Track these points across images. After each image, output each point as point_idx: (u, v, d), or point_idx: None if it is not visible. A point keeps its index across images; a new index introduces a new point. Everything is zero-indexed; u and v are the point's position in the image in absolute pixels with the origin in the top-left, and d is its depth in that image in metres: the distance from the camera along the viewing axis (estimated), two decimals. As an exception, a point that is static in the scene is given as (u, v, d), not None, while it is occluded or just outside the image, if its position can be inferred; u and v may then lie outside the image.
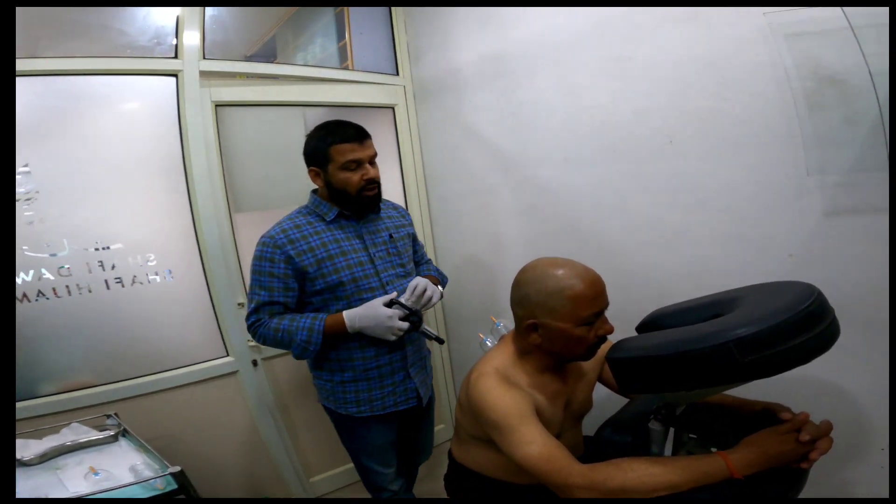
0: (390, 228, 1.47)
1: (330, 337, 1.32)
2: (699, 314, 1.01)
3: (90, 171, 1.66)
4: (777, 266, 1.31)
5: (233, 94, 1.93)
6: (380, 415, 1.42)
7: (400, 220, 1.54)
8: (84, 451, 1.34)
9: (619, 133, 1.58)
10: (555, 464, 0.89)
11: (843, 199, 1.17)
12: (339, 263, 1.34)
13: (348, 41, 2.26)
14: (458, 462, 1.20)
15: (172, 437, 1.75)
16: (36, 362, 1.57)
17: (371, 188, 1.36)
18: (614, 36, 1.54)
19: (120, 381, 1.69)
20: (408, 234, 1.54)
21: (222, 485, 1.89)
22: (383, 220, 1.48)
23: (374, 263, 1.38)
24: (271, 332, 1.34)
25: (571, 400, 1.15)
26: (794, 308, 0.79)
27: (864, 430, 1.25)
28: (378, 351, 1.39)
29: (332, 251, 1.35)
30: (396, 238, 1.46)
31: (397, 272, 1.44)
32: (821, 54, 1.09)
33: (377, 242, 1.42)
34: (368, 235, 1.42)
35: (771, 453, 0.85)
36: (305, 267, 1.32)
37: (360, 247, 1.39)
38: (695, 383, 0.84)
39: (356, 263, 1.36)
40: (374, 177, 1.36)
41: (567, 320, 0.99)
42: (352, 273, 1.35)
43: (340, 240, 1.37)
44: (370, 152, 1.37)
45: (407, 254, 1.50)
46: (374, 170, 1.39)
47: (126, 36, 1.74)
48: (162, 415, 1.74)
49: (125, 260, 1.70)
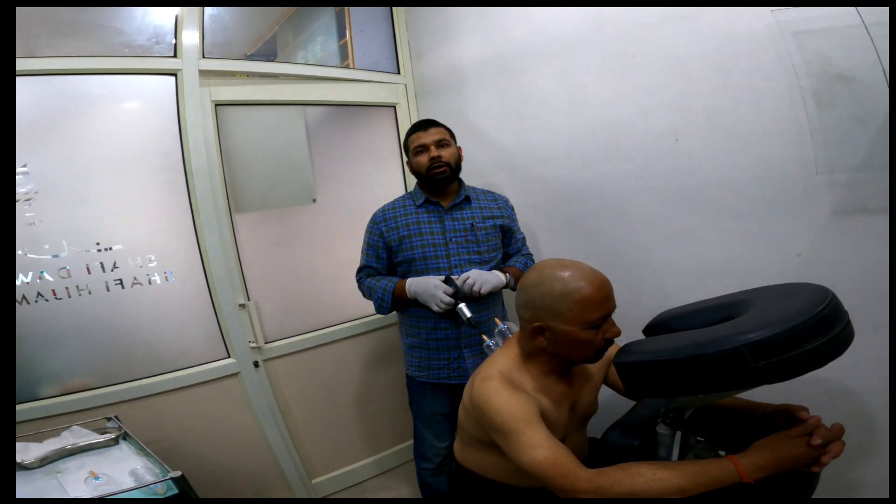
0: (475, 218, 1.61)
1: (398, 300, 1.56)
2: (709, 317, 1.00)
3: (89, 171, 1.65)
4: (785, 266, 1.30)
5: (233, 93, 1.92)
6: (434, 383, 1.62)
7: (492, 210, 1.66)
8: (85, 454, 1.33)
9: (624, 131, 1.57)
10: (561, 468, 0.88)
11: (851, 197, 1.15)
12: (416, 242, 1.57)
13: (349, 39, 2.24)
14: (461, 464, 1.19)
15: (174, 439, 1.73)
16: (36, 365, 1.56)
17: (438, 168, 1.55)
18: (619, 33, 1.52)
19: (120, 383, 1.68)
20: (497, 225, 1.64)
21: (224, 487, 1.88)
22: (472, 210, 1.62)
23: (447, 247, 1.56)
24: (364, 289, 1.66)
25: (577, 403, 1.13)
26: (809, 312, 0.78)
27: (872, 431, 1.24)
28: (436, 324, 1.58)
29: (413, 231, 1.57)
30: (479, 227, 1.59)
31: (471, 258, 1.58)
32: (830, 52, 1.07)
33: (457, 229, 1.58)
34: (450, 222, 1.59)
35: (782, 457, 0.84)
36: (391, 241, 1.59)
37: (438, 230, 1.58)
38: (706, 388, 0.83)
39: (430, 244, 1.56)
40: (437, 155, 1.54)
41: (574, 323, 0.98)
42: (424, 252, 1.56)
43: (422, 223, 1.59)
44: (434, 137, 1.57)
45: (488, 243, 1.61)
46: (442, 151, 1.57)
47: (124, 35, 1.73)
48: (163, 417, 1.73)
49: (125, 261, 1.68)
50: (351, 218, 2.16)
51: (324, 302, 2.12)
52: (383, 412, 2.27)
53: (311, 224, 2.10)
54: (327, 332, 2.11)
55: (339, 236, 2.14)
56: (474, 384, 1.05)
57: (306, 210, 2.10)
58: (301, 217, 2.09)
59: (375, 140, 2.27)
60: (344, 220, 2.15)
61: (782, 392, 1.05)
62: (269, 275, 2.00)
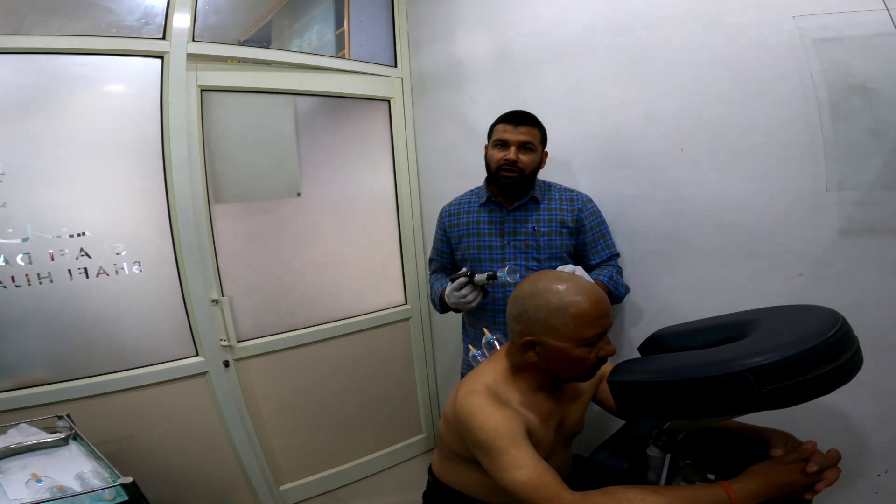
0: (540, 222, 1.49)
1: (445, 304, 1.52)
2: (709, 336, 0.95)
3: (60, 153, 1.56)
4: (786, 285, 1.26)
5: (221, 78, 1.84)
6: None
7: (562, 213, 1.49)
8: (31, 454, 1.25)
9: (628, 137, 1.52)
10: (545, 491, 0.84)
11: (861, 217, 1.11)
12: (472, 242, 1.53)
13: (346, 29, 2.17)
14: (439, 479, 1.15)
15: (130, 441, 1.65)
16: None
17: (509, 170, 1.43)
18: (629, 34, 1.47)
19: (77, 379, 1.58)
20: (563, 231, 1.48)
21: (184, 493, 1.79)
22: (538, 212, 1.50)
23: (503, 250, 1.49)
24: (429, 284, 1.71)
25: (564, 421, 1.10)
26: (820, 336, 0.74)
27: (863, 455, 1.21)
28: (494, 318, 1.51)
29: (471, 231, 1.54)
30: (541, 233, 1.48)
31: (529, 265, 1.48)
32: (851, 61, 1.02)
33: (518, 232, 1.49)
34: (511, 224, 1.50)
35: (775, 484, 0.81)
36: (451, 238, 1.61)
37: (496, 232, 1.51)
38: (705, 412, 0.80)
39: (486, 246, 1.51)
40: (512, 158, 1.42)
41: (568, 340, 0.94)
42: (479, 253, 1.52)
43: (482, 222, 1.53)
44: (521, 137, 1.44)
45: (551, 250, 1.48)
46: (521, 155, 1.43)
47: (113, 14, 1.66)
48: (121, 417, 1.65)
49: (92, 249, 1.59)
50: (337, 214, 2.10)
51: (304, 301, 2.05)
52: (359, 419, 2.21)
53: (294, 218, 2.03)
54: (305, 332, 2.03)
55: (323, 232, 2.07)
56: (458, 397, 1.01)
57: (290, 204, 2.02)
58: (284, 211, 2.01)
59: (367, 134, 2.20)
60: (329, 216, 2.08)
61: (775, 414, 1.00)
62: (247, 270, 1.92)
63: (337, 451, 2.17)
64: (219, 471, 1.88)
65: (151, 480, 1.66)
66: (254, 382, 1.94)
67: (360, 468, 2.22)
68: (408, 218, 2.29)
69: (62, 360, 1.57)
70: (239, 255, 1.90)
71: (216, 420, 1.84)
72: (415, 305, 2.33)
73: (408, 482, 2.18)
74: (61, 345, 1.57)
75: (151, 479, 1.66)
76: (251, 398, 1.93)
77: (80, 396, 1.57)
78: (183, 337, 1.77)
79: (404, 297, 2.32)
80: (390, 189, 2.26)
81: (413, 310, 2.33)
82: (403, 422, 2.35)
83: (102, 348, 1.62)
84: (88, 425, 1.41)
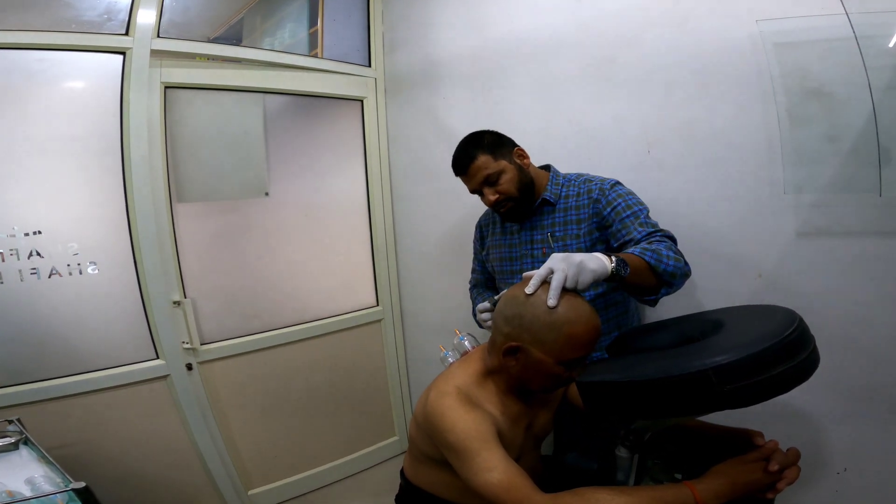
0: (556, 225, 1.40)
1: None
2: (671, 336, 0.97)
3: (14, 150, 1.50)
4: (744, 286, 1.30)
5: (186, 75, 1.78)
6: None
7: (579, 209, 1.36)
8: None
9: (596, 139, 1.54)
10: (515, 493, 0.83)
11: (817, 219, 1.15)
12: (494, 254, 1.53)
13: (320, 28, 2.14)
14: (411, 481, 1.13)
15: (86, 445, 1.59)
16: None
17: (500, 206, 1.38)
18: (599, 37, 1.50)
19: (28, 382, 1.51)
20: (583, 230, 1.34)
21: (149, 497, 1.73)
22: (553, 215, 1.40)
23: (521, 261, 1.47)
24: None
25: (534, 423, 1.09)
26: (777, 336, 0.76)
27: (822, 454, 1.24)
28: None
29: (495, 242, 1.54)
30: (558, 237, 1.40)
31: None
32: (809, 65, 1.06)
33: (535, 240, 1.44)
34: (528, 232, 1.45)
35: (738, 483, 0.82)
36: (480, 250, 1.62)
37: (515, 243, 1.48)
38: (670, 411, 0.80)
39: (506, 258, 1.50)
40: (491, 200, 1.36)
41: (552, 355, 0.93)
42: (501, 265, 1.51)
43: (503, 233, 1.52)
44: (478, 178, 1.36)
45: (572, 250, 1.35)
46: (496, 190, 1.35)
47: (73, 10, 1.60)
48: (78, 421, 1.58)
49: (45, 249, 1.52)
50: (307, 214, 2.06)
51: (271, 303, 2.00)
52: (330, 422, 2.17)
53: (261, 219, 1.98)
54: (273, 334, 1.98)
55: (292, 233, 2.03)
56: (429, 398, 0.99)
57: (257, 203, 1.97)
58: (251, 210, 1.96)
59: (339, 134, 2.17)
60: (298, 217, 2.04)
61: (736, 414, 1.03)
62: (211, 271, 1.86)
63: (308, 454, 2.12)
64: (185, 476, 1.82)
65: (113, 486, 1.62)
66: (219, 386, 1.88)
67: (332, 472, 2.18)
68: (380, 219, 2.26)
69: (12, 363, 1.50)
70: (203, 256, 1.84)
71: (179, 424, 1.78)
72: (386, 307, 2.31)
73: (380, 485, 2.15)
74: (11, 347, 1.49)
75: (113, 484, 1.62)
76: (217, 402, 1.87)
77: (32, 401, 1.50)
78: (142, 339, 1.71)
79: (376, 299, 2.29)
80: (362, 189, 2.23)
81: (385, 311, 2.30)
82: (376, 424, 2.32)
83: (56, 351, 1.56)
84: (41, 430, 1.36)
